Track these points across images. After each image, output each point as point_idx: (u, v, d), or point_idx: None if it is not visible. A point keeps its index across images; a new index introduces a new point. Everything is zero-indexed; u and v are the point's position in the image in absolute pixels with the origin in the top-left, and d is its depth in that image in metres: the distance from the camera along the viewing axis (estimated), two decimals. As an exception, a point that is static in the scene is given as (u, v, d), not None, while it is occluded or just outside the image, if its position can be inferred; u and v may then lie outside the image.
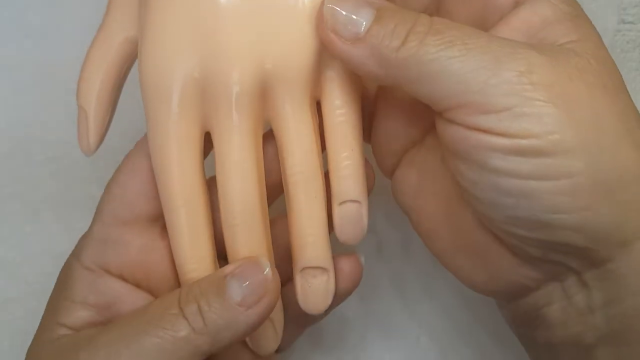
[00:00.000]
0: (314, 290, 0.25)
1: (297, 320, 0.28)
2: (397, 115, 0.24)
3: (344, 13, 0.20)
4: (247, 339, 0.26)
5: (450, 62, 0.19)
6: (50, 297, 0.25)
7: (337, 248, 0.26)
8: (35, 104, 0.37)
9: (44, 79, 0.37)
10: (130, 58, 0.25)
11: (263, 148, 0.25)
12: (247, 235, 0.24)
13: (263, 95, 0.23)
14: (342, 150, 0.24)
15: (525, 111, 0.19)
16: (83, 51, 0.30)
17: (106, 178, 0.26)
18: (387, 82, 0.22)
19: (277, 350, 0.26)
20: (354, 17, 0.20)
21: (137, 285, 0.25)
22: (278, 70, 0.23)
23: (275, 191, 0.26)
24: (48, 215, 0.34)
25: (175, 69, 0.23)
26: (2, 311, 0.33)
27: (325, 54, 0.23)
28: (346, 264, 0.26)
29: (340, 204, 0.24)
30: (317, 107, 0.25)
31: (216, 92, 0.23)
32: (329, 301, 0.25)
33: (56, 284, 0.25)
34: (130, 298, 0.25)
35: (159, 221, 0.25)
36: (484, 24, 0.22)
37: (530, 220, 0.20)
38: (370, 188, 0.26)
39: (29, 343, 0.25)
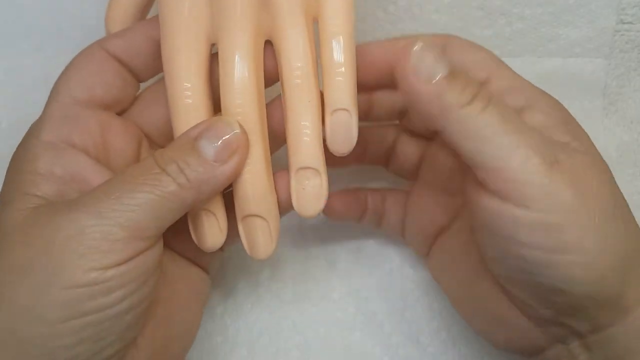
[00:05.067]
0: (308, 193, 0.26)
1: None
2: (427, 209, 0.27)
3: (426, 59, 0.23)
4: (244, 244, 0.27)
5: (502, 133, 0.23)
6: (6, 178, 0.25)
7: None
8: (36, 105, 0.37)
9: (44, 80, 0.37)
10: None
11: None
12: (245, 126, 0.25)
13: (263, 3, 0.25)
14: (336, 64, 0.26)
15: (550, 190, 0.22)
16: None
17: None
18: (436, 127, 0.24)
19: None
20: (434, 64, 0.23)
21: (98, 161, 0.26)
22: None
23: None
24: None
25: None
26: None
27: None
28: None
29: (332, 112, 0.26)
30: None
31: (223, 2, 0.25)
32: (322, 204, 0.26)
33: (10, 167, 0.25)
34: (93, 171, 0.25)
35: (112, 109, 0.27)
36: None
37: (550, 286, 0.23)
38: None
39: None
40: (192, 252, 0.28)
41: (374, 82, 0.28)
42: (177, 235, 0.26)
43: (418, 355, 0.33)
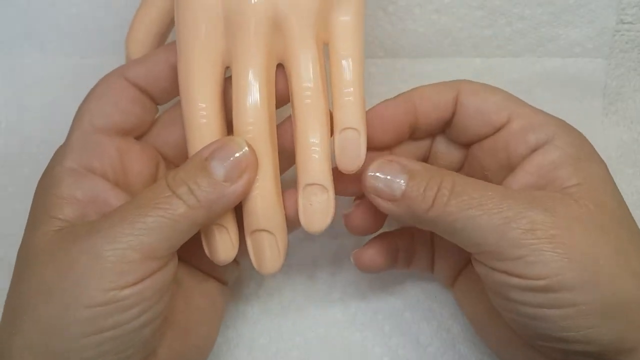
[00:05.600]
0: (315, 208, 0.26)
1: None
2: (450, 246, 0.27)
3: (383, 179, 0.25)
4: (252, 259, 0.27)
5: (469, 221, 0.24)
6: (34, 201, 0.26)
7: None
8: (36, 105, 0.37)
9: (44, 80, 0.37)
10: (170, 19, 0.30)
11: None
12: (256, 145, 0.26)
13: (276, 28, 0.26)
14: (345, 85, 0.27)
15: (532, 259, 0.23)
16: (84, 52, 0.30)
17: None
18: (419, 227, 0.26)
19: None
20: (392, 182, 0.25)
21: (117, 184, 0.27)
22: (289, 8, 0.26)
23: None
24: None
25: (204, 5, 0.26)
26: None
27: (330, 1, 0.27)
28: None
29: (341, 131, 0.26)
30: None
31: (236, 24, 0.26)
32: (329, 220, 0.27)
33: (37, 191, 0.27)
34: (112, 195, 0.26)
35: (130, 134, 0.28)
36: (509, 165, 0.27)
37: (547, 336, 0.24)
38: None
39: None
40: (207, 266, 0.29)
41: (391, 141, 0.29)
42: (192, 249, 0.27)
43: (418, 356, 0.33)
